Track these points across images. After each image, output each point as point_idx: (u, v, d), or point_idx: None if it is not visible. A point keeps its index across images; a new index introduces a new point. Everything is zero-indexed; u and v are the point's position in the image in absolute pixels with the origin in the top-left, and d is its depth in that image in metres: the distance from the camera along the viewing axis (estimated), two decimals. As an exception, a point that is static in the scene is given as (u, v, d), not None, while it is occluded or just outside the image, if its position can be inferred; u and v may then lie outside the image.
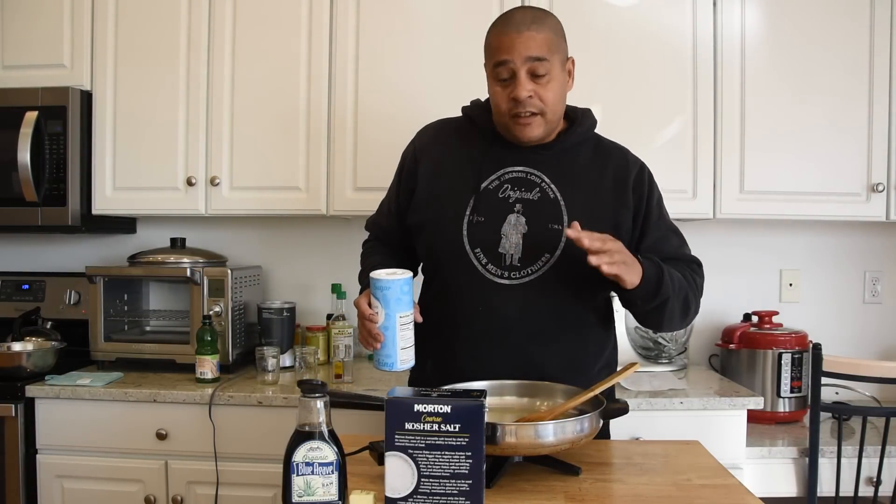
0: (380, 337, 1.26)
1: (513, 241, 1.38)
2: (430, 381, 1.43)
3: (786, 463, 2.04)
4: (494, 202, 1.40)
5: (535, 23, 1.34)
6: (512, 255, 1.38)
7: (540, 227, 1.39)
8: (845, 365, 1.96)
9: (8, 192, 2.28)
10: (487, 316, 1.38)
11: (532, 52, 1.33)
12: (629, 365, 1.29)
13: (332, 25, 2.29)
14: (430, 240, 1.45)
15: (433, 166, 1.48)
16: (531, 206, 1.40)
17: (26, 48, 2.35)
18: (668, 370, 2.34)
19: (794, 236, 2.58)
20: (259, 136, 2.32)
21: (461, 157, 1.46)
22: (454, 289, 1.42)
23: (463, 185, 1.42)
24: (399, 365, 1.28)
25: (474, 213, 1.40)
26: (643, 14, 2.24)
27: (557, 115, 1.41)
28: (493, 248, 1.39)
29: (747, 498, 1.09)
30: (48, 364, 2.19)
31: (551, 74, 1.35)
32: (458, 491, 0.98)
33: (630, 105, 2.25)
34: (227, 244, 2.63)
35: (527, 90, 1.33)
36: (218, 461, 2.00)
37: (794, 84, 2.24)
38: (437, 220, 1.43)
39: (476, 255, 1.39)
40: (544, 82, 1.35)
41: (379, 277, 1.24)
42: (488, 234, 1.39)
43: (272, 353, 2.16)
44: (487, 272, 1.39)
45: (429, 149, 1.51)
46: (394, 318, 1.24)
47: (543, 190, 1.41)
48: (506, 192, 1.41)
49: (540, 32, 1.34)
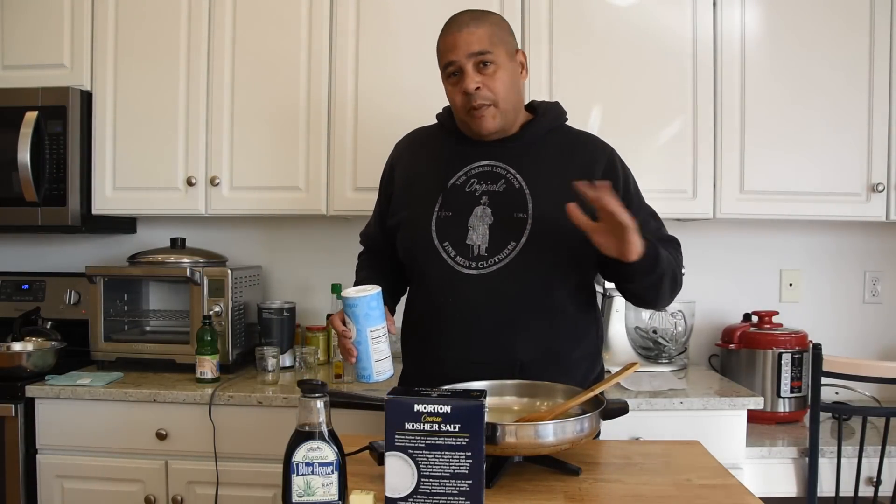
0: (353, 351, 1.32)
1: (479, 232, 1.42)
2: (415, 375, 1.52)
3: (786, 463, 2.04)
4: (462, 197, 1.45)
5: (473, 20, 1.42)
6: (479, 246, 1.42)
7: (505, 216, 1.42)
8: (845, 365, 1.96)
9: (8, 192, 2.28)
10: (457, 306, 1.42)
11: (474, 48, 1.40)
12: (629, 365, 1.29)
13: (332, 25, 2.29)
14: (405, 238, 1.51)
15: (406, 171, 1.56)
16: (497, 197, 1.43)
17: (26, 48, 2.35)
18: (668, 370, 2.34)
19: (794, 236, 2.58)
20: (259, 135, 2.32)
21: (431, 159, 1.54)
22: (427, 283, 1.48)
23: (432, 183, 1.49)
24: (375, 376, 1.33)
25: (442, 209, 1.45)
26: (643, 14, 2.24)
27: (512, 105, 1.44)
28: (461, 241, 1.43)
29: (747, 498, 1.09)
30: (48, 364, 2.19)
31: (497, 65, 1.41)
32: (458, 491, 0.98)
33: (630, 105, 2.25)
34: (227, 244, 2.63)
35: (475, 82, 1.39)
36: (218, 461, 2.00)
37: (794, 84, 2.24)
38: (410, 219, 1.49)
39: (445, 249, 1.43)
40: (490, 72, 1.40)
41: (347, 296, 1.30)
42: (456, 227, 1.44)
43: (272, 353, 2.16)
44: (456, 264, 1.42)
45: (403, 155, 1.60)
46: (364, 333, 1.30)
47: (509, 181, 1.44)
48: (472, 186, 1.46)
49: (479, 27, 1.41)
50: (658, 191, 2.18)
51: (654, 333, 2.35)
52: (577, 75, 2.24)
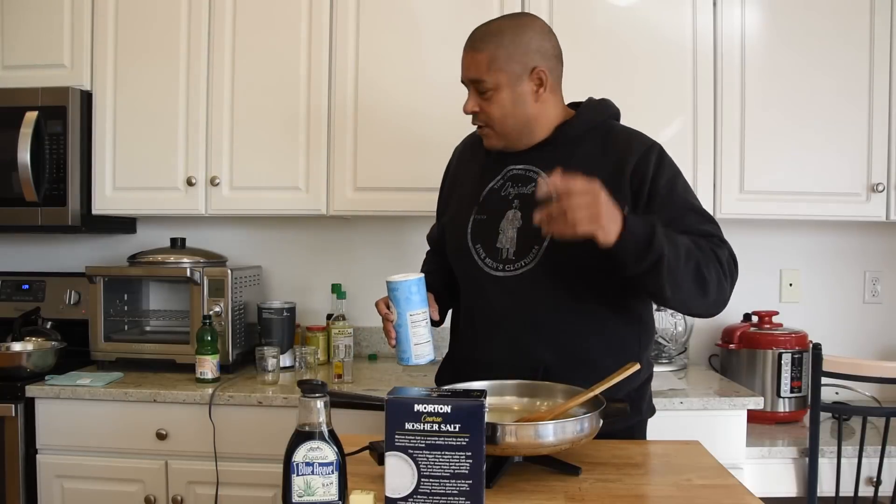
0: (392, 333, 1.36)
1: (509, 236, 1.43)
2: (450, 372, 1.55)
3: (786, 463, 2.04)
4: (496, 200, 1.46)
5: (478, 42, 1.41)
6: (508, 249, 1.43)
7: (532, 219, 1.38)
8: (845, 365, 1.96)
9: (8, 192, 2.28)
10: (485, 308, 1.44)
11: (471, 74, 1.41)
12: (629, 365, 1.28)
13: (332, 25, 2.29)
14: (448, 240, 1.56)
15: (456, 174, 1.62)
16: (527, 200, 1.42)
17: (26, 48, 2.35)
18: (668, 370, 2.34)
19: (794, 236, 2.57)
20: (259, 135, 2.32)
21: (475, 163, 1.56)
22: (463, 284, 1.52)
23: (473, 187, 1.51)
24: (414, 359, 1.37)
25: (479, 212, 1.47)
26: (643, 14, 2.24)
27: (514, 127, 1.43)
28: (491, 244, 1.44)
29: (747, 498, 1.09)
30: (48, 364, 2.19)
31: (495, 90, 1.39)
32: (458, 491, 0.98)
33: (630, 105, 2.21)
34: (227, 244, 2.63)
35: (469, 107, 1.43)
36: (218, 461, 2.00)
37: (794, 84, 2.24)
38: (452, 220, 1.54)
39: (476, 251, 1.46)
40: (488, 97, 1.41)
41: (390, 280, 1.35)
42: (488, 230, 1.45)
43: (272, 353, 2.16)
44: (486, 266, 1.44)
45: (455, 159, 1.65)
46: (405, 317, 1.35)
47: (539, 183, 1.42)
48: (507, 190, 1.46)
49: (480, 52, 1.39)
50: (658, 191, 2.19)
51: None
52: (577, 75, 2.21)
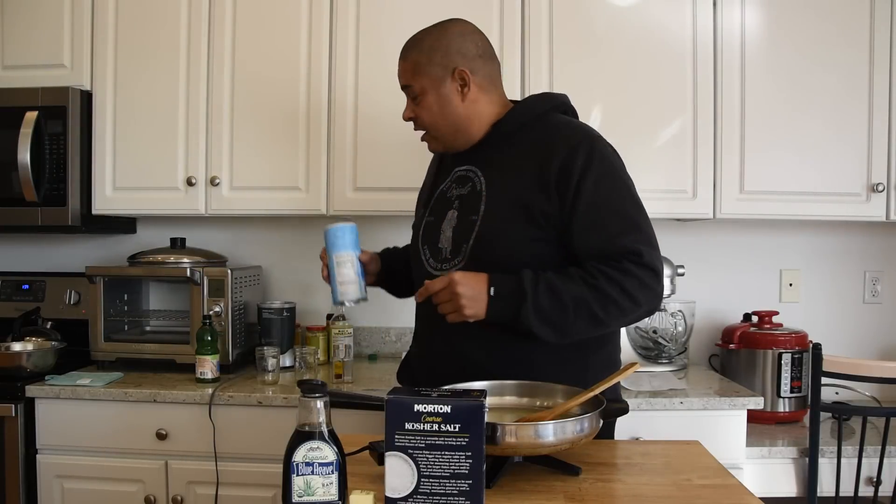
0: (323, 272, 1.53)
1: (447, 236, 1.46)
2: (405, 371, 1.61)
3: (786, 463, 2.04)
4: (442, 202, 1.52)
5: (404, 50, 1.49)
6: (446, 249, 1.46)
7: (464, 218, 1.44)
8: (845, 365, 1.96)
9: (8, 192, 2.28)
10: (426, 306, 1.44)
11: (401, 82, 1.50)
12: (629, 365, 1.28)
13: (332, 25, 2.29)
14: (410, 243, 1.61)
15: (427, 177, 1.67)
16: (463, 200, 1.46)
17: (26, 48, 2.35)
18: (668, 370, 2.34)
19: (794, 236, 2.58)
20: (259, 135, 2.32)
21: (433, 166, 1.65)
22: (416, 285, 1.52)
23: (429, 190, 1.59)
24: (339, 296, 1.50)
25: (429, 214, 1.53)
26: (643, 14, 2.24)
27: (447, 129, 1.48)
28: (435, 244, 1.49)
29: (747, 498, 1.09)
30: (48, 364, 2.19)
31: (422, 95, 1.46)
32: (458, 491, 0.98)
33: (630, 105, 2.25)
34: (227, 244, 2.63)
35: (405, 114, 1.51)
36: (218, 461, 2.00)
37: (795, 84, 2.24)
38: (413, 224, 1.61)
39: (424, 252, 1.51)
40: (418, 103, 1.48)
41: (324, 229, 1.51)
42: (434, 231, 1.50)
43: (272, 353, 2.16)
44: (429, 265, 1.49)
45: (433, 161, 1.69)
46: (332, 259, 1.50)
47: (474, 183, 1.46)
48: (451, 192, 1.51)
49: (405, 60, 1.48)
50: (658, 191, 2.19)
51: (654, 333, 2.35)
52: (577, 75, 2.24)
